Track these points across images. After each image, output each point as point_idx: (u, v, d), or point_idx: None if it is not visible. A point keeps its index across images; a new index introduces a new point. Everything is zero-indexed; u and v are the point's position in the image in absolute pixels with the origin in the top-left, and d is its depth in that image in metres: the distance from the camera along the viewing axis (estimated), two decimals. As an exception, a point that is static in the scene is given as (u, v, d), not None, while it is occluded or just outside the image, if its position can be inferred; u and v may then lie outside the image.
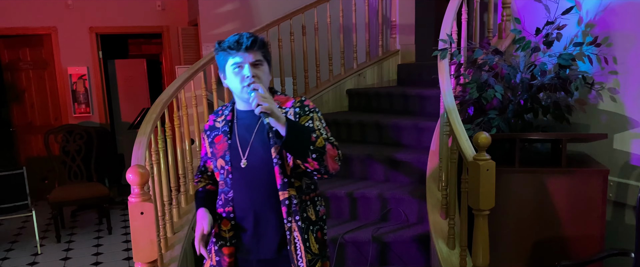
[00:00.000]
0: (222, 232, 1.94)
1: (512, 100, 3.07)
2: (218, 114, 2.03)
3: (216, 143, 1.95)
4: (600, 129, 3.02)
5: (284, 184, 1.85)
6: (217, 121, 2.00)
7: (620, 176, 2.90)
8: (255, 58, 1.80)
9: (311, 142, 1.71)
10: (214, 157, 1.96)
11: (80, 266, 4.35)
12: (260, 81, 1.79)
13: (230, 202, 1.92)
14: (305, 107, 1.91)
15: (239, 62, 1.79)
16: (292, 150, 1.70)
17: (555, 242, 2.70)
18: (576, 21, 3.09)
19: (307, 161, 1.73)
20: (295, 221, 1.88)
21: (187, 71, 3.39)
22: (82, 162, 5.46)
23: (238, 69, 1.80)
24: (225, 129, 1.94)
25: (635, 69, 2.78)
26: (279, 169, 1.84)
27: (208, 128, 2.03)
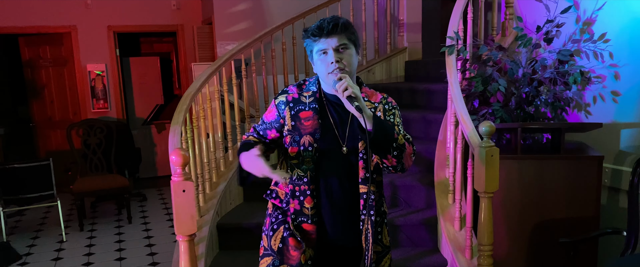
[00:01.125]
0: (304, 209, 1.89)
1: (515, 93, 3.30)
2: (302, 88, 1.95)
3: (302, 118, 1.88)
4: (596, 119, 3.25)
5: (365, 178, 1.84)
6: (303, 95, 1.92)
7: (615, 163, 3.13)
8: (339, 42, 1.76)
9: (394, 139, 1.71)
10: (297, 132, 1.88)
11: (104, 252, 4.59)
12: (347, 66, 1.77)
13: (315, 181, 1.88)
14: (389, 103, 1.92)
15: (323, 48, 1.77)
16: (376, 146, 1.69)
17: (554, 223, 2.92)
18: (574, 19, 3.31)
19: (386, 158, 1.74)
20: (370, 215, 1.87)
21: (211, 67, 3.63)
22: (103, 155, 5.70)
23: (323, 56, 1.78)
24: (315, 106, 1.88)
25: (629, 63, 3.00)
26: (362, 163, 1.83)
27: (292, 100, 1.92)
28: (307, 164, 1.86)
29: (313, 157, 1.85)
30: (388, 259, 2.01)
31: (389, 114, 1.88)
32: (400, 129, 1.86)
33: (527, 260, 3.00)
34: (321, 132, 1.85)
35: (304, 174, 1.87)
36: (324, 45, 1.76)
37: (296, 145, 1.88)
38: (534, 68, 3.26)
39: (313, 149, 1.85)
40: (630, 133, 3.03)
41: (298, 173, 1.89)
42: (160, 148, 7.75)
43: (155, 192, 6.87)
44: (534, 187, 2.94)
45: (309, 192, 1.88)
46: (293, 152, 1.89)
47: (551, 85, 3.18)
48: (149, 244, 4.75)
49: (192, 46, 6.66)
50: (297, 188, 1.89)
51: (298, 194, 1.90)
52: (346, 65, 1.76)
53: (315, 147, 1.85)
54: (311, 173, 1.87)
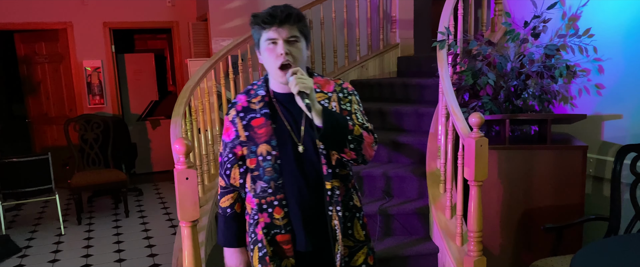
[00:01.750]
0: (276, 221, 1.81)
1: (503, 86, 3.42)
2: (250, 94, 1.85)
3: (255, 126, 1.79)
4: (581, 111, 3.37)
5: (329, 174, 1.76)
6: (252, 102, 1.83)
7: (599, 153, 3.26)
8: (290, 33, 1.66)
9: (348, 132, 1.63)
10: (253, 142, 1.80)
11: (103, 245, 4.67)
12: (295, 60, 1.68)
13: (281, 190, 1.79)
14: (344, 89, 1.83)
15: (272, 38, 1.66)
16: (329, 142, 1.62)
17: (541, 210, 3.05)
18: (560, 15, 3.44)
19: (344, 152, 1.66)
20: (336, 210, 1.79)
21: (208, 61, 3.72)
22: (100, 150, 5.77)
23: (271, 46, 1.68)
24: (266, 111, 1.79)
25: (613, 57, 3.13)
26: (324, 158, 1.75)
27: (242, 110, 1.84)
28: (268, 174, 1.78)
29: (274, 166, 1.77)
30: (363, 253, 1.89)
31: (345, 102, 1.81)
32: (358, 117, 1.79)
33: (516, 246, 3.12)
34: (277, 138, 1.77)
35: (268, 184, 1.79)
36: (274, 34, 1.66)
37: (254, 156, 1.80)
38: (522, 62, 3.38)
39: (272, 157, 1.77)
40: (613, 124, 3.16)
41: (261, 185, 1.80)
42: (155, 144, 7.82)
43: (151, 187, 6.95)
44: (522, 177, 3.06)
45: (276, 203, 1.80)
46: (252, 164, 1.81)
47: (538, 79, 3.30)
48: (147, 237, 4.84)
49: (187, 42, 6.73)
50: (263, 201, 1.81)
51: (265, 207, 1.81)
52: (295, 59, 1.68)
53: (274, 155, 1.76)
54: (275, 182, 1.78)
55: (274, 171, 1.77)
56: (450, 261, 3.03)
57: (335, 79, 1.87)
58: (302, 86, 1.58)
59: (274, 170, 1.77)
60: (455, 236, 3.12)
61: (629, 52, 3.01)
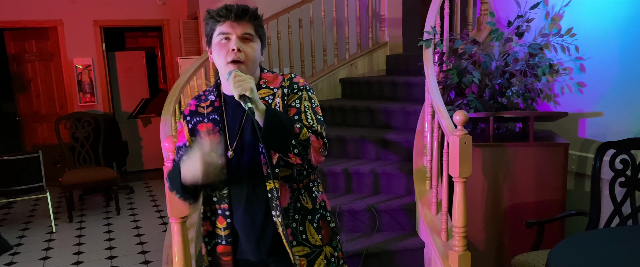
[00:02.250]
0: (217, 230, 1.75)
1: (488, 85, 3.49)
2: (200, 99, 1.77)
3: (201, 132, 1.71)
4: (564, 109, 3.45)
5: (267, 174, 1.65)
6: (201, 107, 1.74)
7: (581, 150, 3.33)
8: (244, 30, 1.59)
9: (293, 136, 1.52)
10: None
11: (94, 242, 4.70)
12: (247, 59, 1.59)
13: (225, 199, 1.71)
14: (294, 84, 1.70)
15: (226, 32, 1.58)
16: (271, 144, 1.51)
17: (524, 206, 3.12)
18: (544, 15, 3.51)
19: (288, 156, 1.56)
20: (277, 215, 1.68)
21: (198, 60, 3.76)
22: (91, 148, 5.79)
23: (224, 41, 1.59)
24: (214, 117, 1.70)
25: (593, 56, 3.20)
26: (263, 159, 1.65)
27: (188, 113, 1.76)
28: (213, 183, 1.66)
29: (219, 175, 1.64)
30: (323, 258, 1.76)
31: (293, 99, 1.68)
32: (307, 117, 1.66)
33: (500, 241, 3.19)
34: (224, 146, 1.67)
35: (212, 192, 1.74)
36: (227, 28, 1.58)
37: None
38: (506, 61, 3.45)
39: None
40: (594, 122, 3.24)
41: (207, 193, 1.75)
42: (146, 142, 7.84)
43: (142, 184, 6.97)
44: (506, 173, 3.13)
45: (219, 212, 1.73)
46: None
47: (522, 77, 3.37)
48: (138, 234, 4.87)
49: (178, 41, 6.76)
50: (207, 208, 1.76)
51: (209, 215, 1.76)
52: (247, 58, 1.59)
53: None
54: (219, 192, 1.71)
55: (219, 181, 1.66)
56: (436, 256, 3.10)
57: (288, 74, 1.76)
58: (241, 89, 1.46)
59: (218, 180, 1.65)
60: (440, 231, 3.18)
61: (609, 51, 3.09)
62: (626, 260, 1.84)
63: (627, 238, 2.08)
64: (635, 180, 2.74)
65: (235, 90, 1.47)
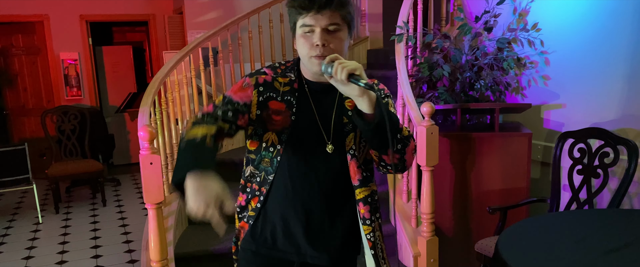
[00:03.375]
0: (249, 206, 1.65)
1: (459, 78, 3.62)
2: (277, 72, 1.57)
3: (271, 109, 1.53)
4: (531, 101, 3.59)
5: (364, 178, 1.56)
6: (277, 81, 1.55)
7: (546, 140, 3.48)
8: (330, 21, 1.40)
9: (399, 129, 1.42)
10: (261, 124, 1.55)
11: (80, 232, 4.80)
12: (332, 51, 1.41)
13: (267, 185, 1.58)
14: (381, 90, 1.59)
15: (309, 25, 1.41)
16: (379, 137, 1.37)
17: (489, 194, 3.26)
18: (511, 10, 3.64)
19: (386, 153, 1.42)
20: (377, 219, 1.62)
21: (179, 53, 3.86)
22: (77, 141, 5.88)
23: (308, 34, 1.42)
24: (289, 98, 1.53)
25: (557, 50, 3.34)
26: (356, 162, 1.54)
27: (263, 83, 1.54)
28: (264, 164, 1.58)
29: (272, 159, 1.56)
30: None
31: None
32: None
33: (466, 227, 3.33)
34: (292, 132, 1.53)
35: (259, 172, 1.60)
36: (311, 21, 1.40)
37: (257, 139, 1.58)
38: (476, 55, 3.58)
39: (275, 151, 1.55)
40: (557, 113, 3.38)
41: (251, 170, 1.62)
42: (134, 135, 7.92)
43: (129, 177, 7.06)
44: (473, 162, 3.27)
45: (257, 193, 1.61)
46: (253, 146, 1.60)
47: (490, 71, 3.50)
48: (123, 225, 4.98)
49: (164, 35, 6.84)
50: (248, 184, 1.64)
51: (248, 190, 1.64)
52: (332, 51, 1.41)
53: (278, 150, 1.54)
54: (266, 175, 1.58)
55: (270, 164, 1.56)
56: (406, 242, 3.24)
57: (371, 79, 1.52)
58: (350, 68, 1.31)
59: (270, 163, 1.56)
60: (410, 218, 3.32)
61: (571, 45, 3.23)
62: (569, 240, 1.98)
63: (574, 221, 2.21)
64: (591, 167, 2.88)
65: (343, 71, 1.29)
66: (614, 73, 2.95)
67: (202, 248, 3.24)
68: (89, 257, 4.17)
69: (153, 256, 2.50)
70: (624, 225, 2.13)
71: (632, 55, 2.83)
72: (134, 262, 4.01)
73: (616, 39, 2.92)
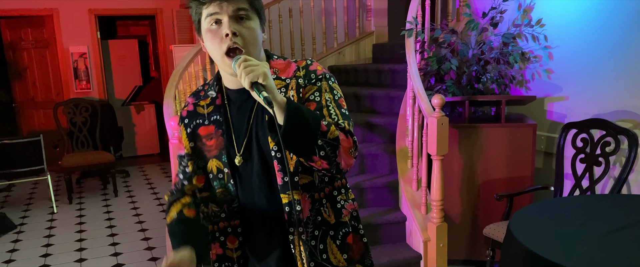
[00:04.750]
0: (228, 251, 1.49)
1: (466, 71, 3.77)
2: (199, 96, 1.49)
3: (202, 136, 1.44)
4: (534, 94, 3.75)
5: (284, 184, 1.37)
6: (200, 106, 1.47)
7: (549, 131, 3.64)
8: (236, 6, 1.28)
9: (320, 134, 1.22)
10: (201, 156, 1.46)
11: (95, 221, 4.95)
12: (246, 43, 1.29)
13: (237, 215, 1.45)
14: (311, 73, 1.40)
15: (214, 14, 1.28)
16: (293, 145, 1.22)
17: (496, 182, 3.42)
18: (516, 6, 3.79)
19: (312, 160, 1.26)
20: (298, 232, 1.40)
21: (194, 48, 3.99)
22: (88, 133, 6.01)
23: (214, 26, 1.29)
24: (216, 117, 1.43)
25: (561, 45, 3.50)
26: (277, 165, 1.37)
27: (186, 115, 1.48)
28: (221, 195, 1.45)
29: (227, 186, 1.43)
30: None
31: (311, 91, 1.38)
32: (331, 112, 1.36)
33: (474, 213, 3.50)
34: (228, 151, 1.41)
35: (220, 208, 1.46)
36: (216, 9, 1.27)
37: (202, 173, 1.47)
38: (482, 49, 3.73)
39: (224, 176, 1.42)
40: (560, 105, 3.54)
41: (212, 208, 1.48)
42: (139, 128, 8.06)
43: (137, 169, 7.20)
44: (480, 152, 3.42)
45: (230, 230, 1.47)
46: (200, 182, 1.48)
47: (496, 65, 3.66)
48: (137, 214, 5.12)
49: (171, 29, 6.95)
50: (215, 228, 1.48)
51: (217, 235, 1.48)
52: (246, 41, 1.29)
53: (227, 173, 1.41)
54: (229, 206, 1.44)
55: (227, 192, 1.43)
56: (416, 228, 3.40)
57: (302, 60, 1.45)
58: (253, 75, 1.18)
59: (226, 191, 1.43)
60: (420, 205, 3.48)
61: (574, 40, 3.38)
62: (574, 223, 2.14)
63: (577, 205, 2.38)
64: (593, 156, 3.05)
65: (246, 78, 1.18)
66: (615, 67, 3.11)
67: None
68: (107, 244, 4.31)
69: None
70: (624, 209, 2.29)
71: (632, 50, 2.98)
72: (151, 249, 4.16)
73: (617, 35, 3.07)
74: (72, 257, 4.06)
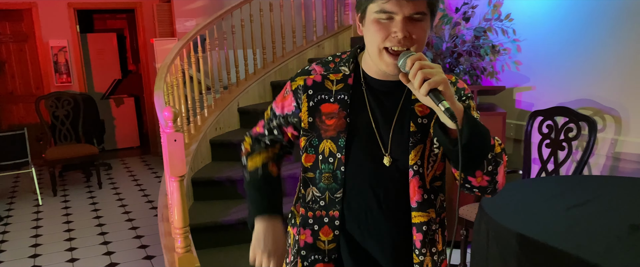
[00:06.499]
0: (319, 243, 1.36)
1: (440, 63, 3.99)
2: (329, 68, 1.35)
3: (324, 113, 1.31)
4: (504, 84, 3.99)
5: (424, 202, 1.29)
6: (329, 79, 1.32)
7: (518, 119, 3.89)
8: (416, 9, 1.14)
9: (491, 147, 1.16)
10: (315, 132, 1.32)
11: (82, 212, 5.04)
12: (418, 45, 1.17)
13: (337, 205, 1.32)
14: (460, 90, 1.28)
15: (389, 11, 1.14)
16: (464, 158, 1.11)
17: (469, 167, 3.66)
18: (487, 2, 4.02)
19: (474, 175, 1.18)
20: (431, 253, 1.33)
21: (181, 41, 4.12)
22: (71, 126, 6.07)
23: (385, 21, 1.15)
24: (343, 97, 1.30)
25: (528, 38, 3.74)
26: (418, 180, 1.27)
27: (312, 84, 1.33)
28: (325, 180, 1.32)
29: (334, 173, 1.30)
30: None
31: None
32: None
33: (450, 196, 3.73)
34: (348, 136, 1.29)
35: (321, 194, 1.33)
36: (393, 7, 1.13)
37: (313, 151, 1.33)
38: (455, 43, 3.95)
39: (335, 161, 1.30)
40: (528, 94, 3.79)
41: (313, 192, 1.35)
42: (119, 121, 8.11)
43: (118, 162, 7.28)
44: (454, 139, 3.65)
45: (326, 221, 1.35)
46: (308, 162, 1.34)
47: (468, 57, 3.88)
48: (123, 205, 5.23)
49: (152, 23, 7.02)
50: (310, 213, 1.36)
51: (311, 222, 1.37)
52: (415, 45, 1.16)
53: (339, 159, 1.29)
54: (332, 194, 1.32)
55: (334, 180, 1.31)
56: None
57: (449, 75, 1.28)
58: (434, 80, 1.05)
59: (333, 178, 1.31)
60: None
61: (539, 33, 3.63)
62: (539, 200, 2.37)
63: (543, 185, 2.61)
64: (557, 141, 3.30)
65: (425, 84, 1.05)
66: (576, 58, 3.36)
67: (211, 220, 3.55)
68: (96, 234, 4.43)
69: (177, 224, 2.80)
70: (584, 187, 2.53)
71: (591, 41, 3.24)
72: (140, 238, 4.29)
73: (577, 27, 3.32)
74: (62, 246, 4.16)
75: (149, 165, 7.04)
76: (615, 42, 3.10)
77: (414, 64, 1.08)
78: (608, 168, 3.23)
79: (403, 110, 1.28)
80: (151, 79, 7.15)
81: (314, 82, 1.34)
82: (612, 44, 3.12)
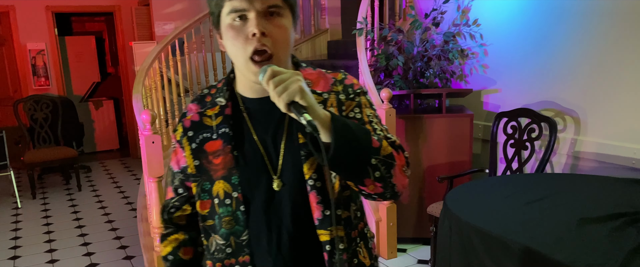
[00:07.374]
0: None
1: (411, 67, 4.14)
2: (205, 102, 1.23)
3: (209, 153, 1.19)
4: (473, 87, 4.16)
5: (324, 219, 1.14)
6: (207, 116, 1.21)
7: (486, 120, 4.06)
8: (268, 2, 1.05)
9: (372, 152, 1.03)
10: (206, 176, 1.19)
11: (61, 215, 5.08)
12: (276, 46, 1.07)
13: (245, 249, 1.18)
14: (348, 88, 1.20)
15: (240, 9, 1.05)
16: (344, 169, 1.02)
17: (439, 166, 3.81)
18: (456, 7, 4.19)
19: (364, 184, 1.06)
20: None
21: (159, 44, 4.21)
22: (49, 129, 6.09)
23: (238, 22, 1.06)
24: (225, 130, 1.17)
25: (494, 43, 3.91)
26: (316, 196, 1.13)
27: (190, 126, 1.22)
28: (227, 226, 1.18)
29: (235, 214, 1.17)
30: None
31: (350, 107, 1.18)
32: (375, 128, 1.16)
33: (421, 195, 3.88)
34: (241, 170, 1.16)
35: (226, 241, 1.19)
36: (242, 4, 1.04)
37: (207, 197, 1.20)
38: (426, 47, 4.11)
39: (232, 201, 1.17)
40: (494, 97, 3.97)
41: (216, 241, 1.21)
42: (99, 124, 8.13)
43: (98, 164, 7.30)
44: (424, 140, 3.80)
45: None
46: (204, 209, 1.21)
47: (438, 61, 4.04)
48: (102, 207, 5.28)
49: (130, 26, 7.06)
50: (219, 265, 1.22)
51: None
52: (277, 45, 1.06)
53: (236, 198, 1.16)
54: (236, 239, 1.18)
55: (236, 222, 1.17)
56: (369, 209, 3.74)
57: (335, 72, 1.24)
58: (287, 94, 0.97)
59: (235, 220, 1.17)
60: (372, 189, 3.83)
61: (505, 38, 3.80)
62: (501, 196, 2.52)
63: (505, 182, 2.77)
64: (521, 141, 3.47)
65: (280, 99, 0.97)
66: (539, 62, 3.54)
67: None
68: (76, 235, 4.48)
69: (156, 224, 2.90)
70: (543, 184, 2.69)
71: (553, 46, 3.42)
72: (120, 238, 4.36)
73: (540, 33, 3.50)
74: (41, 248, 4.21)
75: (129, 167, 7.08)
76: (575, 47, 3.29)
77: (269, 81, 0.98)
78: (569, 166, 3.41)
79: (290, 123, 1.15)
80: (130, 81, 7.20)
81: (192, 123, 1.22)
82: (572, 49, 3.31)
